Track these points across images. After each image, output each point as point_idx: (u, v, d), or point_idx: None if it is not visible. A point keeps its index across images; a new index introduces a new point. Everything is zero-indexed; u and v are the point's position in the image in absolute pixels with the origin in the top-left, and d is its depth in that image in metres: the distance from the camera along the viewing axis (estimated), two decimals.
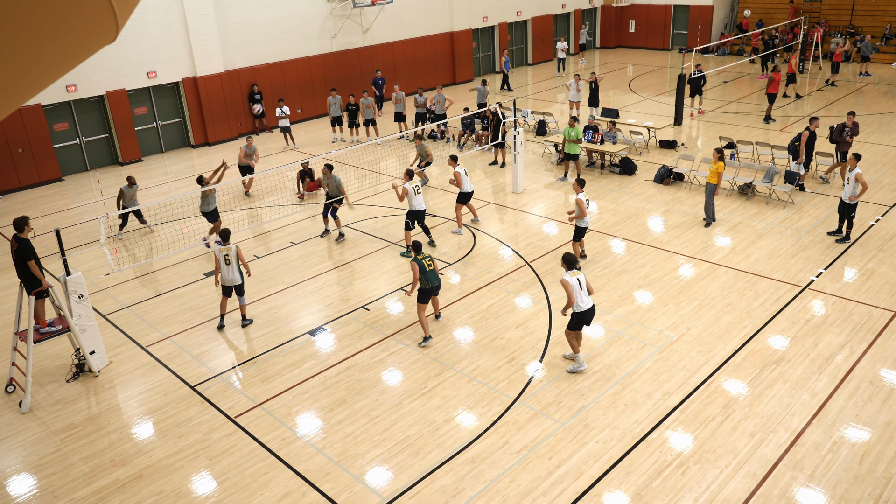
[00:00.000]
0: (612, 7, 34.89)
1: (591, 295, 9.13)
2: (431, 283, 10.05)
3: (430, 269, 10.02)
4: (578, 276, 8.99)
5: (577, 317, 9.07)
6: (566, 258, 9.09)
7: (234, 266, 10.54)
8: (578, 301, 8.93)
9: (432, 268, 10.05)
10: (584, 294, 9.00)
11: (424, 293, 10.07)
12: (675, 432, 8.15)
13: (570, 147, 16.30)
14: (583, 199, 11.85)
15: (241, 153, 16.80)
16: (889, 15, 29.62)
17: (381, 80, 24.49)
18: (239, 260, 10.56)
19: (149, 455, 8.33)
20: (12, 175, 18.53)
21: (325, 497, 7.51)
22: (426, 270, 9.94)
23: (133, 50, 19.98)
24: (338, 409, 8.96)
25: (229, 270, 10.54)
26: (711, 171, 13.53)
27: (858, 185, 12.27)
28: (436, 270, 10.11)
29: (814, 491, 7.17)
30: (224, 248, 10.51)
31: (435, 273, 10.10)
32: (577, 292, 8.91)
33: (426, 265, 9.96)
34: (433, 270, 10.05)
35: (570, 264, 9.04)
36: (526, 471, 7.69)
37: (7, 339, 11.03)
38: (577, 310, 8.98)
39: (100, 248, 14.12)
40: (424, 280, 9.96)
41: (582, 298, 8.97)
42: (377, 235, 14.33)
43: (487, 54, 31.49)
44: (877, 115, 21.07)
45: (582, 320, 9.11)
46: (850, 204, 12.47)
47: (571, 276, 8.91)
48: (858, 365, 9.21)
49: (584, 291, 8.99)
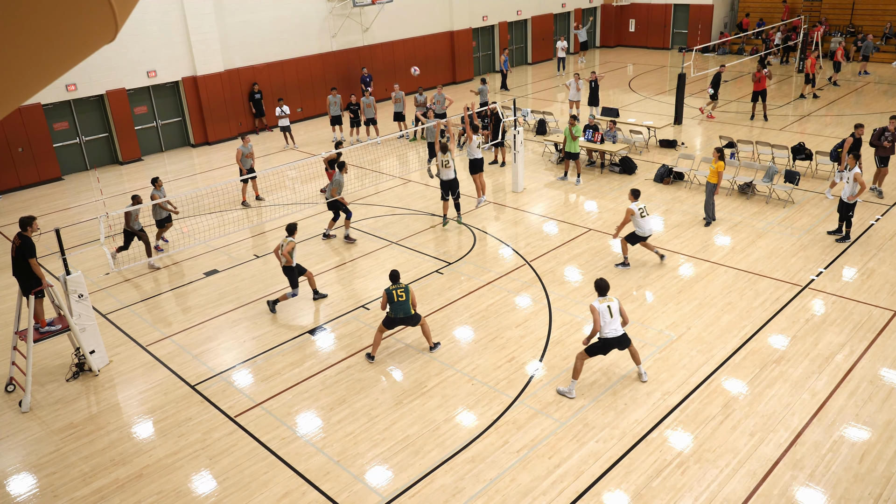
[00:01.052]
0: (612, 6, 34.87)
1: (625, 325, 8.73)
2: (395, 314, 9.66)
3: (400, 300, 9.59)
4: (610, 303, 8.61)
5: (602, 343, 8.68)
6: (598, 284, 8.81)
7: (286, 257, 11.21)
8: (605, 329, 8.58)
9: (402, 300, 9.60)
10: (614, 322, 8.57)
11: (388, 321, 9.78)
12: (675, 432, 8.15)
13: (571, 146, 16.29)
14: (634, 208, 11.63)
15: (238, 154, 16.25)
16: (889, 14, 29.61)
17: (367, 77, 24.42)
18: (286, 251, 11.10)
19: (149, 454, 8.33)
20: (12, 174, 18.53)
21: (325, 496, 7.51)
22: (393, 301, 9.62)
23: (133, 49, 19.97)
24: (338, 408, 8.96)
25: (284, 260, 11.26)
26: (711, 170, 13.52)
27: (857, 184, 12.27)
28: (408, 303, 9.63)
29: (814, 490, 7.18)
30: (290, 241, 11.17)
31: (403, 306, 9.62)
32: (606, 320, 8.55)
33: (395, 295, 9.60)
34: (402, 303, 9.60)
35: (601, 290, 8.75)
36: (526, 470, 7.69)
37: (7, 338, 11.03)
38: (602, 336, 8.63)
39: (100, 248, 14.12)
40: (390, 309, 9.73)
41: (610, 326, 8.56)
42: (377, 235, 14.33)
43: (487, 53, 31.48)
44: (877, 114, 21.06)
45: (606, 348, 8.72)
46: (849, 203, 12.47)
47: (601, 304, 8.60)
48: (858, 364, 9.22)
49: (614, 319, 8.57)
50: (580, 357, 8.81)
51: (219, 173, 19.07)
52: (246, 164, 16.33)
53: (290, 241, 11.17)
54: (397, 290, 9.67)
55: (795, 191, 15.24)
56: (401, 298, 9.65)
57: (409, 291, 9.69)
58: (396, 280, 9.86)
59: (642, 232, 11.90)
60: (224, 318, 11.45)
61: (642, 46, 35.28)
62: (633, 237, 12.07)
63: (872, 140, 15.00)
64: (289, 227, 11.35)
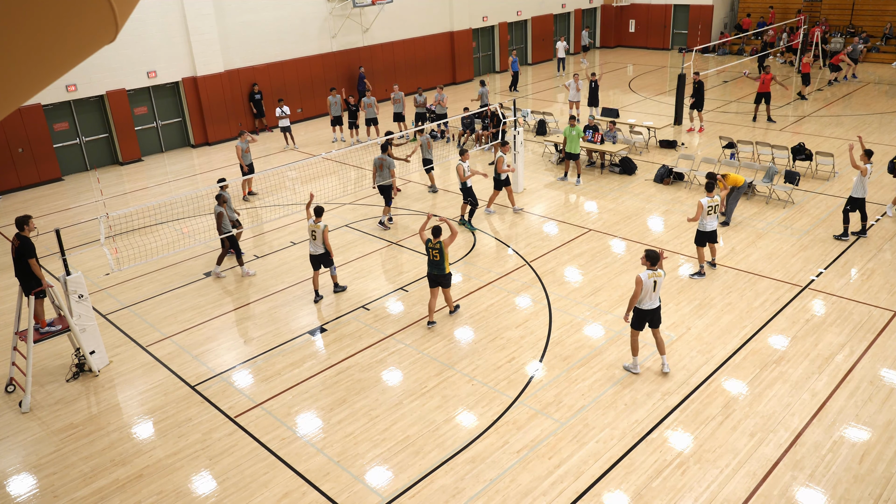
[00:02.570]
0: (612, 7, 34.88)
1: None
2: (429, 270, 10.40)
3: (434, 259, 10.21)
4: (657, 278, 8.74)
5: (638, 314, 8.94)
6: (650, 255, 8.75)
7: (319, 241, 11.50)
8: (643, 301, 8.82)
9: (437, 259, 10.20)
10: (655, 296, 8.85)
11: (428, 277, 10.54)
12: (675, 432, 8.15)
13: (572, 146, 16.29)
14: (704, 202, 11.25)
15: (238, 151, 16.34)
16: (889, 15, 29.60)
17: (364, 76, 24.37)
18: (323, 237, 11.44)
19: (149, 455, 8.33)
20: (12, 175, 18.53)
21: (325, 497, 7.51)
22: (429, 258, 10.32)
23: (133, 50, 19.98)
24: (338, 408, 8.96)
25: (313, 244, 11.55)
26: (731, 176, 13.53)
27: None
28: (441, 262, 10.21)
29: (814, 491, 7.17)
30: (313, 224, 11.48)
31: (436, 263, 10.25)
32: (649, 293, 8.77)
33: (432, 254, 10.24)
34: (434, 261, 10.24)
35: (652, 261, 8.75)
36: (526, 470, 7.69)
37: (7, 338, 11.03)
38: (640, 306, 8.88)
39: (100, 248, 14.12)
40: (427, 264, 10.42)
41: (650, 297, 8.82)
42: (377, 235, 14.33)
43: (487, 54, 31.48)
44: (877, 114, 21.07)
45: (643, 318, 8.97)
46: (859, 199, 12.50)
47: (649, 278, 8.71)
48: (858, 365, 9.22)
49: (656, 294, 8.83)
50: (632, 335, 9.14)
51: (219, 174, 19.04)
52: (247, 159, 16.44)
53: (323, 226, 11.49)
54: (433, 249, 10.11)
55: (795, 191, 15.24)
56: (436, 257, 10.10)
57: (443, 251, 10.10)
58: (436, 235, 10.14)
59: None
60: (224, 318, 11.45)
61: (642, 47, 35.29)
62: None
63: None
64: (317, 209, 11.56)
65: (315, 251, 11.61)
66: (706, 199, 11.36)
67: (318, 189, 17.28)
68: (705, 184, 11.84)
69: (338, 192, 17.07)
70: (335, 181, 18.26)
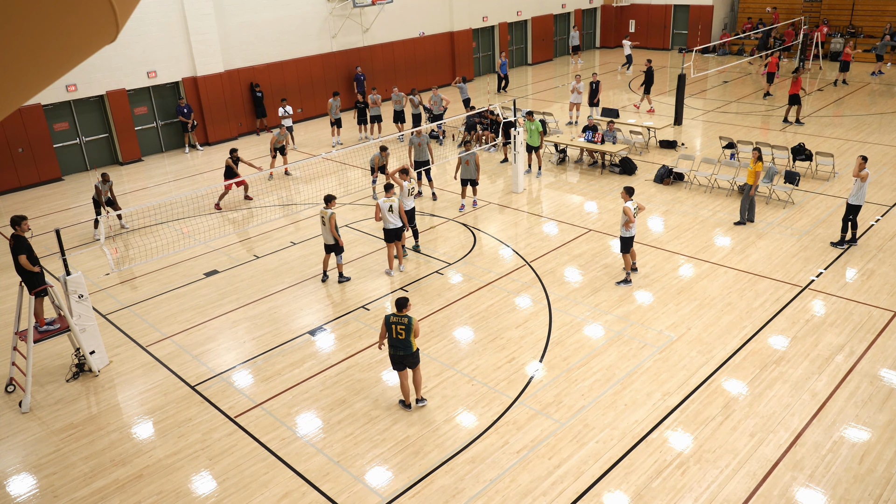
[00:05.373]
0: (612, 7, 34.86)
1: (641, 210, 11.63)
2: (393, 350, 8.43)
3: (397, 336, 8.26)
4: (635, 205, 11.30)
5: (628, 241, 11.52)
6: (627, 189, 11.43)
7: (328, 228, 11.89)
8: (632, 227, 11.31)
9: (402, 337, 8.25)
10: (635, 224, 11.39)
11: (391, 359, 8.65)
12: (675, 432, 8.15)
13: (532, 140, 16.89)
14: (630, 207, 11.32)
15: (273, 140, 18.16)
16: (889, 15, 29.60)
17: (361, 76, 24.37)
18: (331, 224, 11.83)
19: (149, 455, 8.33)
20: (12, 175, 18.53)
21: (325, 497, 7.51)
22: (391, 336, 8.34)
23: (133, 50, 19.97)
24: (338, 409, 8.96)
25: (324, 231, 12.01)
26: (749, 171, 13.55)
27: None
28: (407, 339, 8.26)
29: (814, 491, 7.18)
30: (322, 210, 11.94)
31: (403, 343, 8.28)
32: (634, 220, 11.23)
33: (395, 330, 8.28)
34: (399, 339, 8.27)
35: (630, 193, 11.41)
36: (526, 471, 7.69)
37: (7, 338, 11.03)
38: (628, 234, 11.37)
39: (100, 248, 14.12)
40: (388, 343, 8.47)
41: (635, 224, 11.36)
42: (377, 235, 14.32)
43: (487, 54, 31.47)
44: (877, 115, 21.07)
45: (631, 243, 11.57)
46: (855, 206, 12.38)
47: (633, 205, 11.29)
48: (858, 365, 9.22)
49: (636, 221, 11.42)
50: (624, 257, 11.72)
51: (219, 174, 19.03)
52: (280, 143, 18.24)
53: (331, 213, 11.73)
54: (398, 325, 8.24)
55: (795, 191, 15.24)
56: (400, 336, 8.25)
57: (410, 327, 8.22)
58: (401, 308, 8.24)
59: None
60: (224, 318, 11.45)
61: (642, 47, 35.27)
62: None
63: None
64: (326, 197, 11.88)
65: (326, 240, 12.06)
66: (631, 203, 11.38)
67: (317, 189, 17.28)
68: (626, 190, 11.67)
69: (338, 193, 17.06)
70: (335, 181, 18.26)
